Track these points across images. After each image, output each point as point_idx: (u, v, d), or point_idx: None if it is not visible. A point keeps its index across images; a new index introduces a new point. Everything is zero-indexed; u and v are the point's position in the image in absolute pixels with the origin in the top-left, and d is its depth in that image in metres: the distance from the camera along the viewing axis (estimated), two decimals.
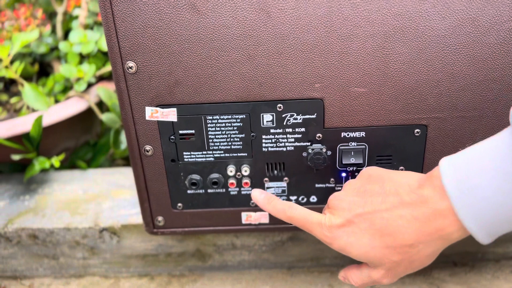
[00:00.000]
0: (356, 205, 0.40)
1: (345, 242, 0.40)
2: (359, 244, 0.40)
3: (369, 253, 0.40)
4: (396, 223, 0.38)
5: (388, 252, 0.39)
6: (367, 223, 0.39)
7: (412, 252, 0.38)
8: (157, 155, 0.50)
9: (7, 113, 0.80)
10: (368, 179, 0.42)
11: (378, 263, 0.40)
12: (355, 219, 0.40)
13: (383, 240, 0.38)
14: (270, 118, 0.48)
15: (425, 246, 0.37)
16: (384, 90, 0.46)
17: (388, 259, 0.39)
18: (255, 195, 0.48)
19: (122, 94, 0.47)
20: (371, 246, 0.39)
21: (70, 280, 0.67)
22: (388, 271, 0.40)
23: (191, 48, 0.44)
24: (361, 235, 0.39)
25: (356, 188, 0.42)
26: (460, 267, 0.65)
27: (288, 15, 0.43)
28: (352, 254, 0.41)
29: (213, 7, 0.43)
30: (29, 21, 0.81)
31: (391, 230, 0.38)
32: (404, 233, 0.37)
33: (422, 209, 0.36)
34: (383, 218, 0.38)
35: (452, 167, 0.35)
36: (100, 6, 0.43)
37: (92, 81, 0.80)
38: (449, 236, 0.36)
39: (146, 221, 0.55)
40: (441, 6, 0.42)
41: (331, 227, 0.41)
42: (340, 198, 0.42)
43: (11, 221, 0.64)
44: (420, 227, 0.37)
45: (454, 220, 0.35)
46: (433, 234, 0.36)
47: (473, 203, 0.33)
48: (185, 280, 0.65)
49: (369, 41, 0.44)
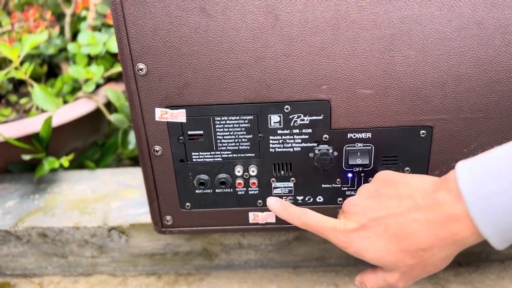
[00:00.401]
0: (371, 209, 0.41)
1: (360, 247, 0.41)
2: (374, 248, 0.40)
3: (384, 257, 0.40)
4: (411, 227, 0.38)
5: (403, 256, 0.39)
6: (382, 228, 0.39)
7: (426, 256, 0.38)
8: (166, 155, 0.51)
9: (16, 114, 0.81)
10: (382, 183, 0.42)
11: (393, 267, 0.40)
12: (369, 223, 0.40)
13: (398, 244, 0.39)
14: (277, 119, 0.49)
15: (439, 250, 0.37)
16: (390, 92, 0.46)
17: (403, 263, 0.39)
18: (270, 204, 0.49)
19: (132, 95, 0.47)
20: (386, 250, 0.39)
21: (79, 278, 0.68)
22: (403, 274, 0.41)
23: (201, 51, 0.45)
24: (376, 240, 0.40)
25: (371, 193, 0.42)
26: (464, 267, 0.66)
27: (296, 18, 0.43)
28: (367, 258, 0.41)
29: (222, 10, 0.43)
30: (38, 23, 0.82)
31: (406, 234, 0.38)
32: (419, 237, 0.37)
33: (436, 213, 0.36)
34: (398, 223, 0.39)
35: (468, 172, 0.35)
36: (112, 9, 0.44)
37: (100, 82, 0.81)
38: (463, 241, 0.36)
39: (154, 221, 0.55)
40: (447, 9, 0.43)
41: (346, 231, 0.41)
42: (355, 203, 0.42)
43: (22, 220, 0.65)
44: (434, 231, 0.37)
45: (469, 225, 0.35)
46: (448, 239, 0.36)
47: (489, 208, 0.33)
48: (192, 278, 0.66)
49: (375, 43, 0.44)
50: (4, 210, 0.68)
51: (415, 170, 0.50)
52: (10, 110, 0.80)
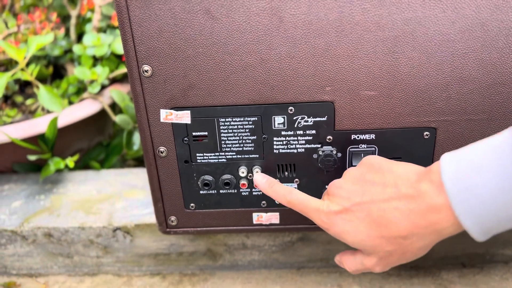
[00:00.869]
0: (355, 194, 0.42)
1: (342, 229, 0.42)
2: (355, 232, 0.41)
3: (364, 242, 0.41)
4: (392, 214, 0.39)
5: (382, 242, 0.40)
6: (364, 213, 0.40)
7: (405, 244, 0.39)
8: (171, 156, 0.51)
9: (22, 115, 0.82)
10: (368, 168, 0.43)
11: (372, 251, 0.42)
12: (353, 207, 0.41)
13: (379, 230, 0.40)
14: (281, 121, 0.49)
15: (418, 238, 0.39)
16: (394, 93, 0.46)
17: (382, 249, 0.40)
18: (257, 179, 0.50)
19: (137, 96, 0.48)
20: (366, 234, 0.40)
21: (84, 278, 0.68)
22: (380, 259, 0.42)
23: (205, 52, 0.45)
24: (358, 224, 0.41)
25: (356, 177, 0.43)
26: (468, 269, 0.66)
27: (300, 20, 0.44)
28: (347, 240, 0.42)
29: (227, 12, 0.44)
30: (44, 25, 0.82)
31: (387, 221, 0.39)
32: (399, 225, 0.38)
33: (418, 202, 0.37)
34: (380, 209, 0.40)
35: (453, 164, 0.36)
36: (117, 11, 0.44)
37: (105, 83, 0.82)
38: (443, 231, 0.37)
39: (159, 221, 0.56)
40: (450, 11, 0.43)
41: (329, 213, 0.42)
42: (339, 185, 0.43)
43: (27, 220, 0.66)
44: (414, 220, 0.38)
45: (449, 215, 0.36)
46: (427, 228, 0.37)
47: (470, 200, 0.34)
48: (196, 279, 0.67)
49: (379, 45, 0.44)
50: (10, 210, 0.68)
51: None
52: (16, 111, 0.81)
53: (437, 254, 0.66)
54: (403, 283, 0.64)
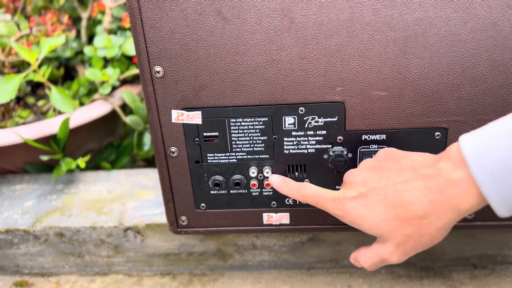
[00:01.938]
0: (371, 179, 0.41)
1: (357, 214, 0.41)
2: (371, 216, 0.40)
3: (381, 225, 0.40)
4: (410, 194, 0.38)
5: (400, 224, 0.39)
6: (381, 196, 0.40)
7: (423, 224, 0.38)
8: (182, 156, 0.52)
9: (34, 116, 0.83)
10: (384, 157, 0.43)
11: (388, 236, 0.40)
12: (369, 192, 0.41)
13: (395, 212, 0.39)
14: (292, 121, 0.49)
15: (436, 217, 0.38)
16: (404, 93, 0.46)
17: (399, 232, 0.39)
18: (272, 180, 0.50)
19: (149, 97, 0.48)
20: (383, 217, 0.40)
21: (95, 278, 0.69)
22: (397, 246, 0.41)
23: (216, 53, 0.46)
24: (374, 207, 0.40)
25: (372, 165, 0.43)
26: (479, 270, 0.65)
27: (311, 21, 0.44)
28: (363, 226, 0.41)
29: (238, 13, 0.44)
30: (55, 27, 0.83)
31: (404, 201, 0.39)
32: (417, 203, 0.38)
33: (436, 180, 0.37)
34: (397, 190, 0.39)
35: (471, 138, 0.36)
36: (130, 13, 0.45)
37: (116, 85, 0.82)
38: (461, 205, 0.36)
39: (170, 221, 0.56)
40: (462, 11, 0.43)
41: (344, 199, 0.42)
42: (355, 173, 0.43)
43: (39, 220, 0.67)
44: (432, 197, 0.37)
45: (469, 187, 0.35)
46: (445, 203, 0.37)
47: (491, 166, 0.34)
48: (206, 279, 0.67)
49: (390, 45, 0.44)
50: (22, 210, 0.69)
51: None
52: (28, 112, 0.82)
53: (447, 255, 0.65)
54: (413, 284, 0.64)
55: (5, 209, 0.70)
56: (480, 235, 0.64)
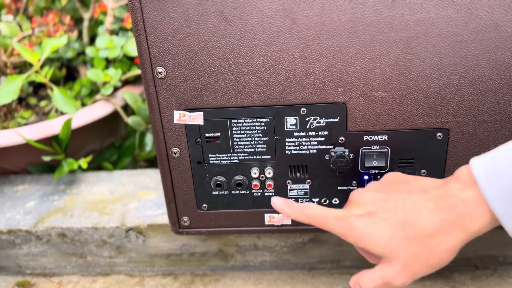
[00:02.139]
0: (379, 198, 0.41)
1: (364, 233, 0.40)
2: (379, 234, 0.39)
3: (388, 244, 0.39)
4: (419, 213, 0.38)
5: (408, 244, 0.38)
6: (389, 214, 0.39)
7: (431, 244, 0.38)
8: (183, 157, 0.52)
9: (36, 116, 0.83)
10: (392, 180, 0.43)
11: (395, 256, 0.39)
12: (377, 210, 0.40)
13: (404, 231, 0.38)
14: (293, 122, 0.49)
15: (445, 237, 0.37)
16: (406, 94, 0.46)
17: (407, 251, 0.38)
18: (274, 202, 0.48)
19: (151, 98, 0.48)
20: (391, 236, 0.39)
21: (97, 278, 0.69)
22: (404, 267, 0.39)
23: (218, 54, 0.46)
24: (382, 226, 0.39)
25: (380, 187, 0.43)
26: (481, 271, 0.65)
27: (313, 22, 0.44)
28: (370, 245, 0.40)
29: (240, 14, 0.44)
30: (57, 27, 0.83)
31: (414, 220, 0.38)
32: (427, 222, 0.38)
33: (446, 199, 0.37)
34: (406, 209, 0.39)
35: (481, 159, 0.36)
36: (132, 14, 0.45)
37: (118, 85, 0.82)
38: (471, 225, 0.36)
39: (172, 221, 0.56)
40: (464, 12, 0.43)
41: (350, 217, 0.41)
42: (362, 192, 0.43)
43: (42, 220, 0.67)
44: (442, 215, 0.37)
45: (478, 205, 0.35)
46: (455, 223, 0.37)
47: (500, 183, 0.34)
48: (207, 279, 0.67)
49: (392, 46, 0.44)
50: (24, 210, 0.69)
51: (431, 173, 0.50)
52: (30, 113, 0.82)
53: None
54: (414, 285, 0.64)
55: (7, 209, 0.70)
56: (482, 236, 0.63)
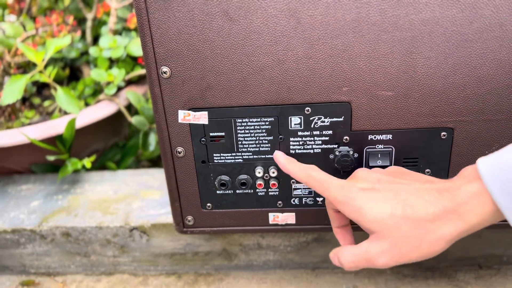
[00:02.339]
0: (385, 179, 0.41)
1: (363, 204, 0.40)
2: (377, 209, 0.39)
3: (385, 220, 0.39)
4: (422, 197, 0.38)
5: (404, 223, 0.38)
6: (392, 193, 0.39)
7: (427, 228, 0.38)
8: (188, 156, 0.52)
9: (39, 116, 0.83)
10: (397, 170, 0.44)
11: (387, 234, 0.39)
12: (381, 188, 0.40)
13: (404, 210, 0.38)
14: (298, 121, 0.49)
15: (442, 224, 0.37)
16: (411, 93, 0.46)
17: (400, 231, 0.38)
18: (277, 156, 0.49)
19: (156, 98, 0.49)
20: (389, 213, 0.39)
21: (101, 277, 0.69)
22: (392, 246, 0.39)
23: (223, 54, 0.46)
24: (382, 202, 0.39)
25: (385, 172, 0.44)
26: (485, 270, 0.65)
27: (318, 21, 0.44)
28: (365, 217, 0.39)
29: (245, 14, 0.44)
30: (61, 27, 0.84)
31: (415, 203, 0.38)
32: (428, 207, 0.38)
33: (449, 191, 0.38)
34: (410, 192, 0.39)
35: (486, 158, 0.37)
36: (137, 13, 0.45)
37: (121, 85, 0.83)
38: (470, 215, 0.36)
39: (176, 221, 0.56)
40: (468, 11, 0.43)
41: (353, 187, 0.41)
42: (368, 171, 0.43)
43: (46, 220, 0.67)
44: (444, 203, 0.37)
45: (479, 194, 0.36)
46: (455, 211, 0.37)
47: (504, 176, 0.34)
48: (211, 279, 0.67)
49: (396, 45, 0.44)
50: (29, 210, 0.69)
51: (436, 172, 0.50)
52: (34, 112, 0.82)
53: (453, 255, 0.65)
54: (418, 284, 0.64)
55: (11, 209, 0.70)
56: (486, 235, 0.64)
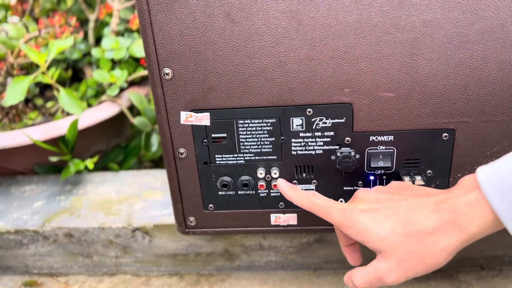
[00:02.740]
0: (384, 198, 0.43)
1: (365, 227, 0.41)
2: (379, 229, 0.41)
3: (387, 238, 0.40)
4: (421, 212, 0.40)
5: (406, 240, 0.39)
6: (392, 211, 0.41)
7: (429, 242, 0.39)
8: (190, 157, 0.52)
9: (42, 117, 0.84)
10: (398, 185, 0.45)
11: (392, 251, 0.40)
12: (381, 207, 0.41)
13: (404, 228, 0.40)
14: (299, 122, 0.49)
15: (442, 236, 0.38)
16: (412, 95, 0.47)
17: (404, 247, 0.40)
18: (279, 184, 0.50)
19: (158, 99, 0.49)
20: (390, 231, 0.40)
21: (103, 278, 0.69)
22: (398, 263, 0.40)
23: (225, 55, 0.46)
24: (383, 221, 0.41)
25: (385, 189, 0.44)
26: (487, 271, 0.65)
27: (319, 23, 0.44)
28: (369, 238, 0.41)
29: (247, 16, 0.44)
30: (64, 29, 0.84)
31: (414, 218, 0.40)
32: (427, 221, 0.39)
33: (448, 201, 0.39)
34: (408, 208, 0.40)
35: (486, 167, 0.37)
36: (139, 15, 0.45)
37: (124, 86, 0.83)
38: (468, 224, 0.37)
39: (178, 221, 0.57)
40: (470, 12, 0.43)
41: (354, 210, 0.42)
42: (368, 191, 0.44)
43: (49, 220, 0.67)
44: (443, 215, 0.38)
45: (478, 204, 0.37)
46: (454, 222, 0.38)
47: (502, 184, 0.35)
48: (213, 279, 0.67)
49: (398, 47, 0.45)
50: (32, 211, 0.70)
51: (437, 173, 0.51)
52: (37, 113, 0.83)
53: (454, 257, 0.65)
54: (420, 285, 0.64)
55: (14, 209, 0.70)
56: (488, 236, 0.63)
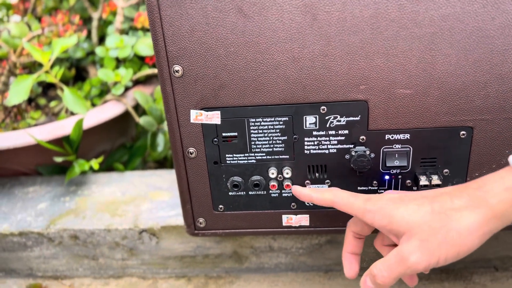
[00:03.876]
0: (412, 192, 0.43)
1: (391, 209, 0.41)
2: (404, 209, 0.41)
3: (412, 217, 0.40)
4: (449, 194, 0.40)
5: (432, 218, 0.39)
6: (419, 195, 0.41)
7: (454, 217, 0.38)
8: (200, 157, 0.51)
9: (45, 117, 0.82)
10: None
11: (416, 230, 0.39)
12: (408, 195, 0.42)
13: (431, 206, 0.40)
14: (313, 121, 0.48)
15: (468, 212, 0.38)
16: (430, 91, 0.45)
17: (428, 226, 0.39)
18: (298, 190, 0.49)
19: (167, 97, 0.47)
20: (416, 209, 0.40)
21: (109, 281, 0.68)
22: (422, 242, 0.39)
23: (237, 52, 0.45)
24: (409, 203, 0.41)
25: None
26: (501, 272, 0.64)
27: (335, 17, 0.43)
28: (393, 219, 0.41)
29: (259, 10, 0.43)
30: (67, 27, 0.83)
31: (441, 198, 0.40)
32: (454, 200, 0.39)
33: (477, 182, 0.39)
34: (436, 192, 0.41)
35: None
36: (148, 10, 0.44)
37: (129, 85, 0.81)
38: (493, 200, 0.37)
39: (187, 223, 0.55)
40: (490, 6, 0.41)
41: (381, 198, 0.42)
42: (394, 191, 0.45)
43: (53, 222, 0.66)
44: (469, 193, 0.39)
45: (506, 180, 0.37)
46: (481, 200, 0.38)
47: None
48: (222, 281, 0.66)
49: (415, 42, 0.43)
50: (36, 212, 0.68)
51: (454, 172, 0.49)
52: (40, 113, 0.81)
53: (468, 257, 0.64)
54: (433, 287, 0.62)
55: (18, 211, 0.69)
56: (502, 237, 0.62)
